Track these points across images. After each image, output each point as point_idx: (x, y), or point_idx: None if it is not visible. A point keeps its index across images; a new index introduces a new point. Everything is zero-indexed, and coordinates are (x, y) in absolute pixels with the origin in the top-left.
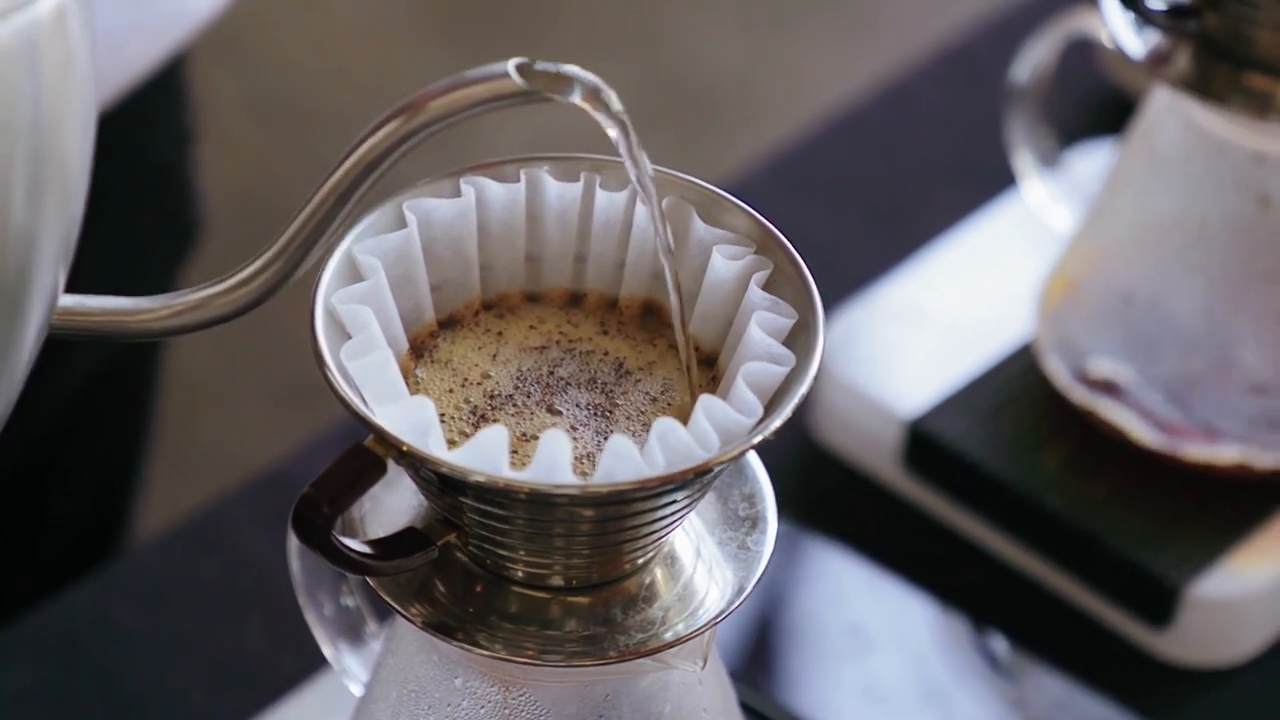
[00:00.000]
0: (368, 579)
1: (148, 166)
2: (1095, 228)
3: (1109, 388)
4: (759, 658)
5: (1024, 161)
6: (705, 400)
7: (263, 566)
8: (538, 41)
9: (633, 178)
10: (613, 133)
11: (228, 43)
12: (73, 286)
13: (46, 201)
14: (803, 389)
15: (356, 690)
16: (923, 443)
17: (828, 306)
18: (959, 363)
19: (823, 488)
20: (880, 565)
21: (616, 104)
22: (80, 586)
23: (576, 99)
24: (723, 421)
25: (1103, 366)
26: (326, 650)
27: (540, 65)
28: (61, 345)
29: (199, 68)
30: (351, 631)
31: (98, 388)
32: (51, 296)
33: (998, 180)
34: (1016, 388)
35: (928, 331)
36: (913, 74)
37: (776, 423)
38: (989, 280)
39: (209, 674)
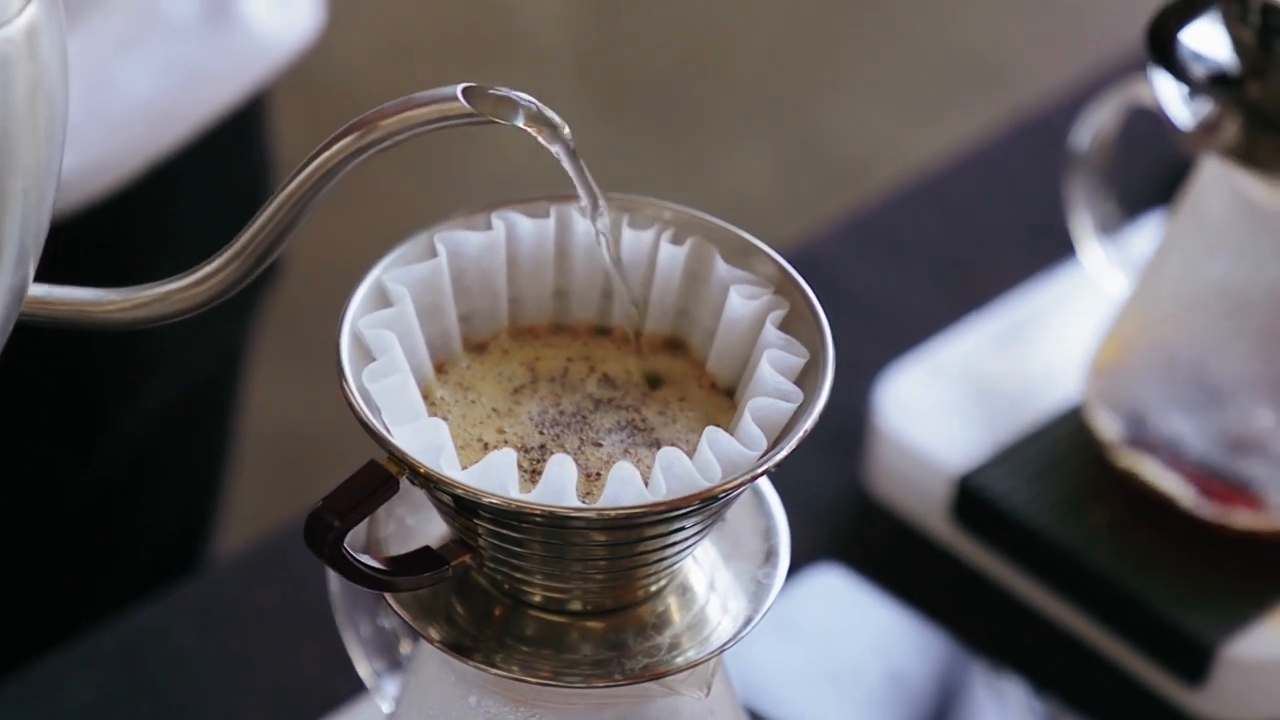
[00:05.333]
0: (390, 600)
1: (227, 200)
2: (1145, 293)
3: (1154, 449)
4: (799, 701)
5: (1083, 227)
6: (710, 432)
7: (320, 593)
8: (684, 117)
9: (582, 197)
10: (556, 150)
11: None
12: (154, 330)
13: (15, 207)
14: (807, 425)
15: (387, 708)
16: (971, 498)
17: (887, 363)
18: (1009, 422)
19: (873, 538)
20: (925, 615)
21: (562, 126)
22: (142, 607)
23: (520, 122)
24: (727, 453)
25: (1147, 428)
26: (361, 669)
27: (486, 90)
28: (141, 374)
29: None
30: (387, 652)
31: (178, 414)
32: (20, 290)
33: (1066, 246)
34: (1065, 448)
35: (981, 390)
36: (989, 141)
37: (779, 456)
38: (1043, 342)
39: (264, 695)
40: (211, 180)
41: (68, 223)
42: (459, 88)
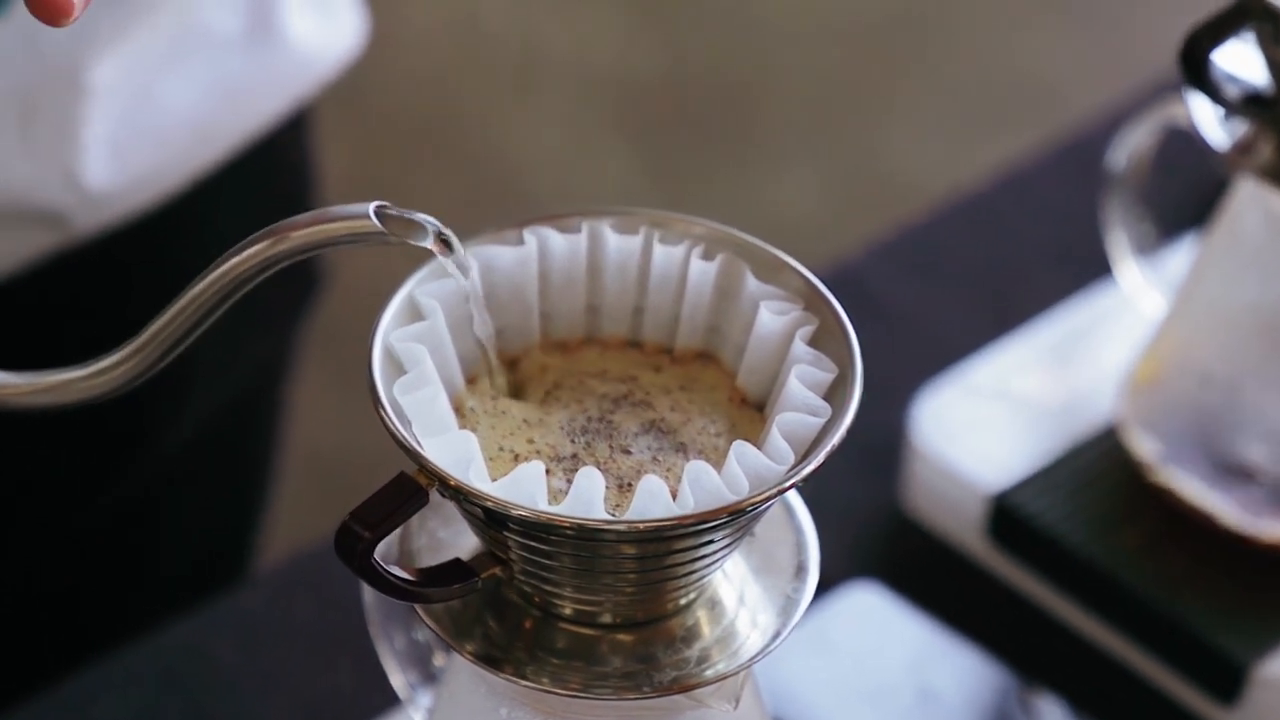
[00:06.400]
0: (421, 612)
1: (270, 214)
2: (1180, 312)
3: (1189, 467)
4: (834, 718)
5: (1119, 247)
6: (738, 446)
7: (356, 608)
8: (737, 139)
9: (475, 323)
10: (457, 274)
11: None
12: (197, 344)
13: None
14: (834, 440)
15: None
16: (1006, 516)
17: (925, 381)
18: (1045, 440)
19: (908, 555)
20: (960, 632)
21: (464, 252)
22: (179, 622)
23: (428, 244)
24: (754, 467)
25: (1182, 446)
26: (395, 681)
27: (395, 211)
28: (180, 389)
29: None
30: (421, 664)
31: (218, 430)
32: None
33: (1102, 266)
34: (1100, 467)
35: (1017, 409)
36: (1027, 162)
37: (806, 471)
38: (1080, 361)
39: (299, 710)
40: (254, 195)
41: (110, 236)
42: (371, 206)
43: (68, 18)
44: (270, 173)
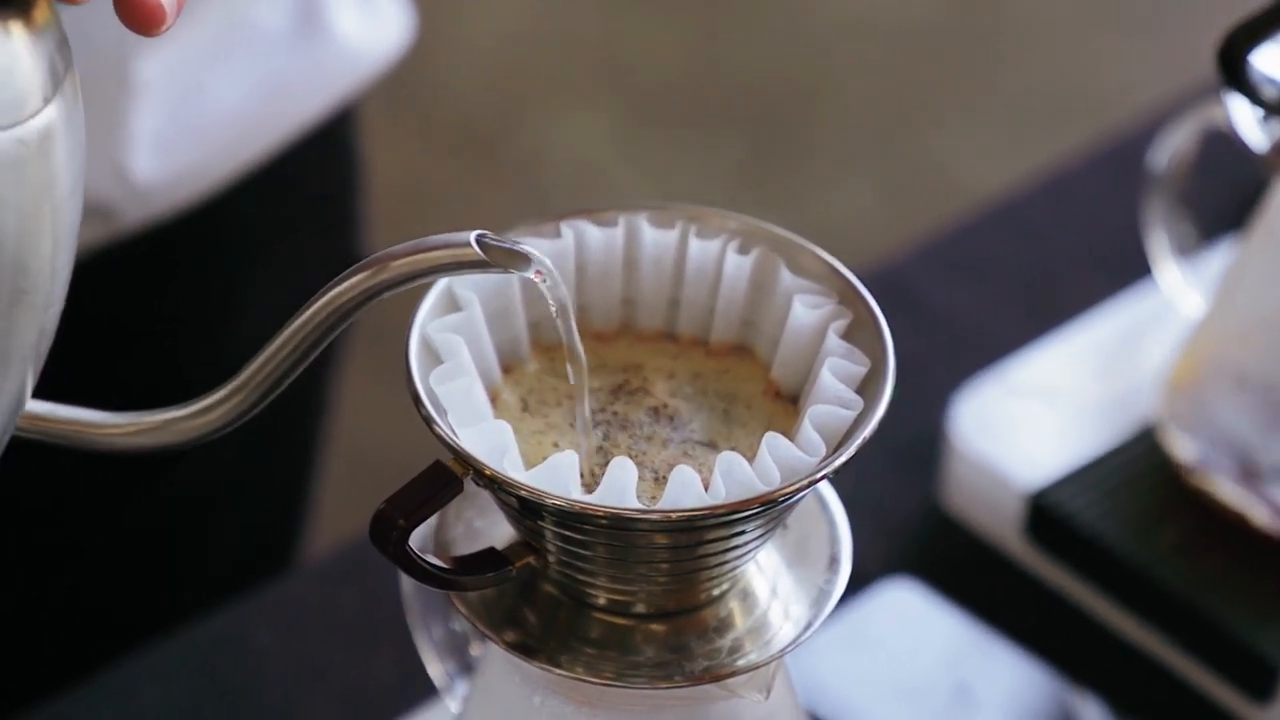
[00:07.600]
0: (455, 601)
1: (315, 211)
2: (1218, 312)
3: (1226, 468)
4: (870, 715)
5: (1160, 248)
6: (770, 438)
7: (397, 601)
8: (791, 146)
9: (567, 348)
10: (554, 308)
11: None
12: (241, 339)
13: (17, 311)
14: (865, 432)
15: (456, 709)
16: (1044, 515)
17: (965, 380)
18: (1084, 440)
19: (946, 553)
20: (996, 630)
21: (560, 286)
22: (221, 612)
23: (530, 274)
24: (786, 458)
25: (1220, 447)
26: (432, 670)
27: (496, 240)
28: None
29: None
30: (458, 654)
31: (262, 424)
32: (16, 401)
33: (1143, 267)
34: (1139, 467)
35: (1056, 409)
36: (1069, 164)
37: (837, 462)
38: (1119, 362)
39: (339, 701)
40: (299, 191)
41: (155, 230)
42: (473, 235)
43: (160, 26)
44: (316, 170)
